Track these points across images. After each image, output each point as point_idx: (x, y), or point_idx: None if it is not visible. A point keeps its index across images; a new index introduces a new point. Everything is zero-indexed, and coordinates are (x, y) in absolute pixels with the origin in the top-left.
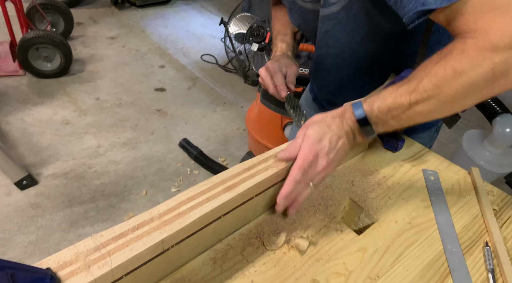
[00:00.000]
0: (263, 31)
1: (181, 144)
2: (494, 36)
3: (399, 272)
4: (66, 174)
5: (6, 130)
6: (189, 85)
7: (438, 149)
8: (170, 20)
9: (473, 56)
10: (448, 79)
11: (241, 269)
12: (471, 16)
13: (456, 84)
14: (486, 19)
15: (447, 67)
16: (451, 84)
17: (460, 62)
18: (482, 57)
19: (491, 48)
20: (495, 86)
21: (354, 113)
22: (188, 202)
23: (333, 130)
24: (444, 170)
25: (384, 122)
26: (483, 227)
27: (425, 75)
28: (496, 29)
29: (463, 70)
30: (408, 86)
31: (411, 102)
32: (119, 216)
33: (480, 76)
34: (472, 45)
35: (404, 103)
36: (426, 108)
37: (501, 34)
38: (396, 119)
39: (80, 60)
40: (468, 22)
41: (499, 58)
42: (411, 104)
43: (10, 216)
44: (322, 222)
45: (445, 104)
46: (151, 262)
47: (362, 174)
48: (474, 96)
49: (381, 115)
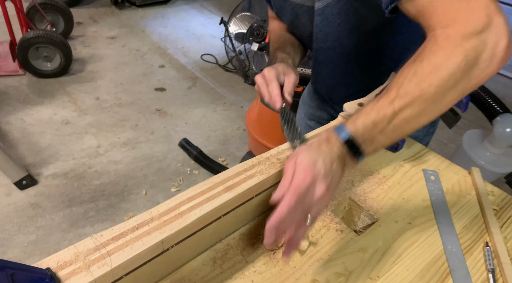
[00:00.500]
0: (263, 31)
1: (181, 144)
2: (461, 24)
3: (399, 272)
4: (66, 174)
5: (6, 130)
6: (189, 85)
7: (438, 149)
8: (170, 20)
9: (445, 46)
10: (427, 75)
11: (241, 269)
12: (438, 5)
13: (436, 78)
14: (452, 7)
15: (424, 63)
16: (431, 79)
17: (434, 55)
18: (454, 46)
19: (460, 36)
20: (470, 76)
21: (339, 136)
22: (188, 202)
23: (325, 153)
24: (444, 170)
25: (372, 138)
26: (483, 227)
27: (403, 78)
28: (462, 17)
29: (440, 63)
30: (389, 95)
31: (395, 110)
32: (119, 216)
33: (456, 65)
34: (442, 35)
35: (388, 113)
36: (412, 113)
37: (467, 21)
38: (383, 133)
39: (80, 60)
40: (436, 12)
41: (469, 45)
42: (395, 112)
43: (10, 216)
44: (322, 222)
45: (429, 103)
46: (151, 262)
47: (362, 174)
48: (454, 90)
49: (367, 132)
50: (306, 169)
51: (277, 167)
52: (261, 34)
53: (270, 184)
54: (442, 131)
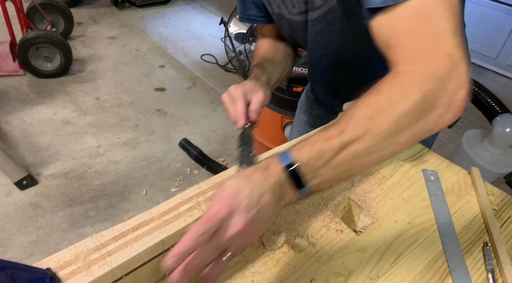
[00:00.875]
0: None
1: (181, 144)
2: (425, 64)
3: (399, 272)
4: (66, 174)
5: (6, 130)
6: (189, 85)
7: (438, 149)
8: (170, 20)
9: (405, 83)
10: (382, 109)
11: (241, 269)
12: (404, 39)
13: (391, 114)
14: (418, 45)
15: (380, 97)
16: (386, 114)
17: (392, 90)
18: (414, 84)
19: (422, 76)
20: (426, 120)
21: (281, 162)
22: (188, 202)
23: (255, 182)
24: (444, 170)
25: (316, 170)
26: (483, 227)
27: (357, 109)
28: (427, 57)
29: (397, 99)
30: (339, 125)
31: (343, 141)
32: (119, 216)
33: (413, 104)
34: (404, 72)
35: (336, 144)
36: (361, 148)
37: (431, 62)
38: (329, 165)
39: (80, 60)
40: (401, 46)
41: (429, 86)
42: (343, 144)
43: (10, 216)
44: (322, 222)
45: (380, 140)
46: (151, 262)
47: (362, 174)
48: (408, 131)
49: (311, 162)
50: (224, 199)
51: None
52: None
53: None
54: (442, 131)
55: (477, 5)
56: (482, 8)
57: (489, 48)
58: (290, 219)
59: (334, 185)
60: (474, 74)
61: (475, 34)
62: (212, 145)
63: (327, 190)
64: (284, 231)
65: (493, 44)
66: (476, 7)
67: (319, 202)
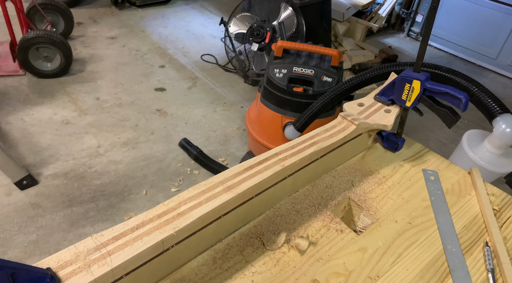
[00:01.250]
0: (263, 31)
1: (181, 144)
2: None
3: (399, 272)
4: (66, 174)
5: (6, 130)
6: (189, 85)
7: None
8: (170, 20)
9: None
10: None
11: (241, 269)
12: None
13: None
14: None
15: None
16: None
17: None
18: None
19: None
20: None
21: None
22: (188, 202)
23: None
24: (444, 170)
25: None
26: (483, 227)
27: None
28: None
29: None
30: None
31: None
32: (119, 216)
33: None
34: None
35: None
36: None
37: None
38: None
39: (80, 60)
40: None
41: None
42: None
43: (10, 216)
44: (322, 222)
45: None
46: (151, 262)
47: (362, 174)
48: None
49: None
50: None
51: (277, 167)
52: (261, 34)
53: (270, 184)
54: (442, 131)
55: (477, 5)
56: (482, 8)
57: (489, 48)
58: (290, 219)
59: None
60: (474, 74)
61: (475, 34)
62: (212, 145)
63: (327, 190)
64: (284, 231)
65: (493, 44)
66: (476, 7)
67: (319, 202)
